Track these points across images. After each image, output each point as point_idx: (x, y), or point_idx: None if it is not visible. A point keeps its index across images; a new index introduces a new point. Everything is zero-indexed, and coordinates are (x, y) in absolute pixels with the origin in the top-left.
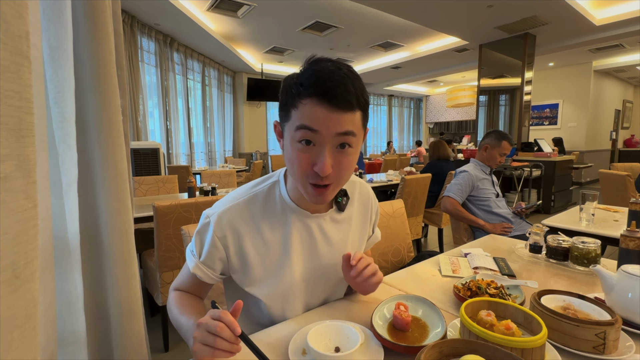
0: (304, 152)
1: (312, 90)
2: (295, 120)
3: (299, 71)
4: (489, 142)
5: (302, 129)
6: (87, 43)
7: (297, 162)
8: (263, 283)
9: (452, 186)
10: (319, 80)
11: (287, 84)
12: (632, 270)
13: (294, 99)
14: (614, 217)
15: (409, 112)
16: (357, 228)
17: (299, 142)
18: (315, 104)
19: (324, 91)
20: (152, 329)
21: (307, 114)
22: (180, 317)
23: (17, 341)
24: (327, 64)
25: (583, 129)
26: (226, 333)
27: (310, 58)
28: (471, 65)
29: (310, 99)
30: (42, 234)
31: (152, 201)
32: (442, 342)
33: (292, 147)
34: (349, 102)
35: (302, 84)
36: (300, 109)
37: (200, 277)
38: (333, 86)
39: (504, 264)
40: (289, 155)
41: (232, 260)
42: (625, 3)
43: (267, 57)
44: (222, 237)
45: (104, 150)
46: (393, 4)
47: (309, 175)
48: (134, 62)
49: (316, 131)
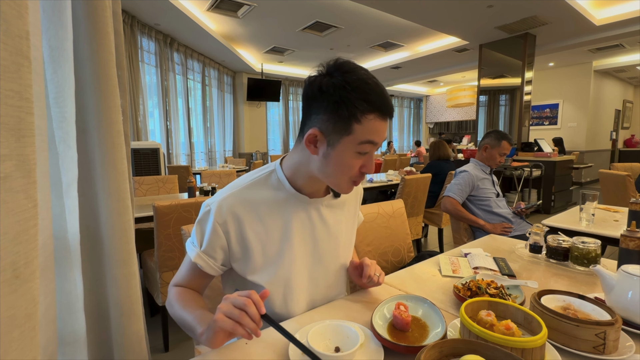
0: (359, 159)
1: (376, 107)
2: (361, 135)
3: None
4: (488, 142)
5: (368, 143)
6: (87, 43)
7: (350, 169)
8: (264, 269)
9: (452, 186)
10: (379, 97)
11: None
12: (632, 271)
13: (356, 113)
14: (614, 217)
15: (409, 112)
16: (349, 212)
17: (360, 153)
18: (378, 119)
19: (386, 108)
20: (152, 329)
21: (373, 130)
22: (183, 311)
23: (17, 341)
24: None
25: (583, 129)
26: (252, 309)
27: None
28: (471, 65)
29: (374, 114)
30: (42, 233)
31: (152, 201)
32: (442, 342)
33: (349, 157)
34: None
35: (366, 100)
36: (365, 125)
37: (201, 267)
38: (388, 101)
39: (504, 264)
40: (343, 162)
41: (233, 247)
42: (625, 3)
43: (267, 57)
44: (223, 223)
45: (104, 150)
46: (393, 4)
47: (354, 176)
48: (134, 62)
49: (377, 144)
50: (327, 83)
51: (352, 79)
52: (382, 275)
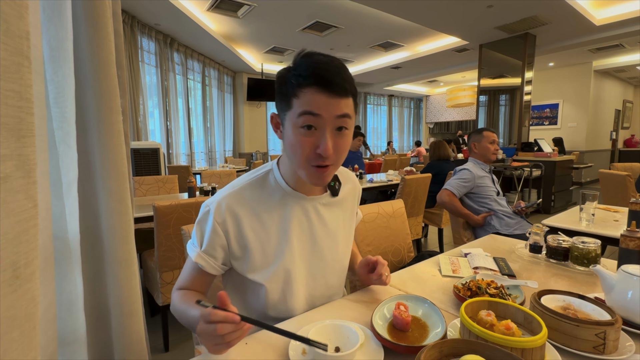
0: (306, 137)
1: (313, 80)
2: (298, 108)
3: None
4: (473, 140)
5: (305, 114)
6: (87, 43)
7: (300, 147)
8: (263, 267)
9: (452, 181)
10: (318, 70)
11: (283, 76)
12: (632, 270)
13: (295, 89)
14: (614, 217)
15: (409, 112)
16: (347, 211)
17: (301, 127)
18: (316, 92)
19: (324, 80)
20: (152, 329)
21: (308, 101)
22: (187, 313)
23: (17, 341)
24: (320, 57)
25: (583, 129)
26: (227, 328)
27: (302, 52)
28: (471, 65)
29: (311, 87)
30: (42, 234)
31: (152, 201)
32: (442, 342)
33: (294, 134)
34: (345, 88)
35: (302, 75)
36: (301, 97)
37: (202, 267)
38: (331, 75)
39: (504, 264)
40: (291, 141)
41: (232, 245)
42: (625, 3)
43: (267, 57)
44: (222, 222)
45: (104, 150)
46: (393, 4)
47: (311, 158)
48: (134, 62)
49: (318, 115)
50: (282, 69)
51: (298, 59)
52: (390, 277)
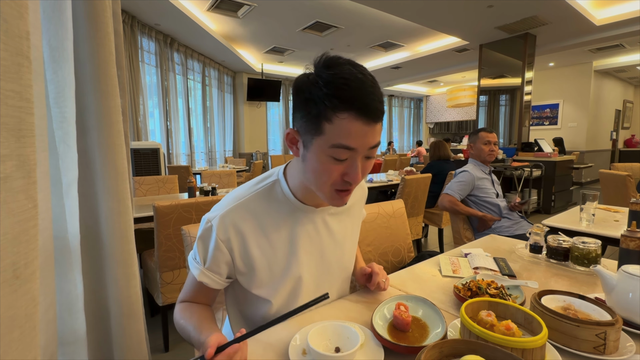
0: (335, 165)
1: (350, 105)
2: (332, 138)
3: (317, 74)
4: (470, 141)
5: (340, 147)
6: (87, 43)
7: (326, 175)
8: (270, 284)
9: (452, 184)
10: (356, 93)
11: (311, 92)
12: (633, 271)
13: (328, 112)
14: (615, 217)
15: (409, 112)
16: (355, 217)
17: (335, 158)
18: (354, 120)
19: (363, 106)
20: (152, 329)
21: (345, 131)
22: (186, 328)
23: (17, 341)
24: (352, 69)
25: (583, 129)
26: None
27: (325, 58)
28: (471, 65)
29: (349, 113)
30: (42, 234)
31: (152, 201)
32: (443, 343)
33: (321, 161)
34: (382, 113)
35: (338, 97)
36: (336, 124)
37: (207, 284)
38: (370, 100)
39: (504, 264)
40: (315, 167)
41: (237, 263)
42: (625, 3)
43: (268, 57)
44: (226, 240)
45: (104, 151)
46: (393, 4)
47: (337, 183)
48: (134, 62)
49: (353, 149)
50: (302, 79)
51: (327, 73)
52: (388, 280)
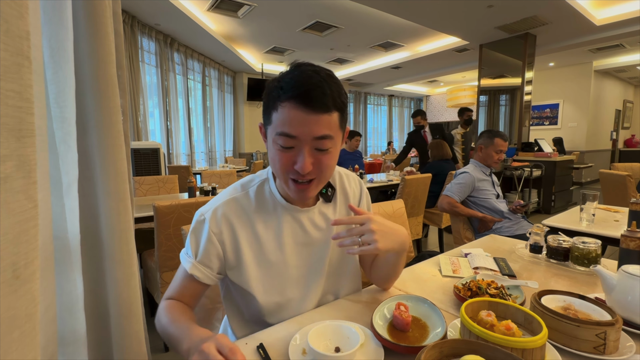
0: (284, 152)
1: (291, 93)
2: (276, 126)
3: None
4: (482, 142)
5: (281, 135)
6: (88, 43)
7: (278, 161)
8: (258, 280)
9: (452, 186)
10: (297, 84)
11: (269, 87)
12: (633, 271)
13: (275, 102)
14: (615, 217)
15: (409, 112)
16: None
17: (281, 146)
18: (293, 107)
19: (301, 94)
20: (152, 329)
21: (285, 119)
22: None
23: (17, 341)
24: (307, 68)
25: (583, 129)
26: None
27: (293, 63)
28: (471, 65)
29: (289, 101)
30: (43, 234)
31: (152, 201)
32: (443, 343)
33: (274, 148)
34: (325, 104)
35: (282, 87)
36: (279, 112)
37: (197, 278)
38: (310, 89)
39: (504, 264)
40: (271, 155)
41: (228, 256)
42: (625, 3)
43: (268, 57)
44: (218, 232)
45: (104, 151)
46: (393, 4)
47: (289, 172)
48: (134, 62)
49: (294, 137)
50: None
51: (286, 72)
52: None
